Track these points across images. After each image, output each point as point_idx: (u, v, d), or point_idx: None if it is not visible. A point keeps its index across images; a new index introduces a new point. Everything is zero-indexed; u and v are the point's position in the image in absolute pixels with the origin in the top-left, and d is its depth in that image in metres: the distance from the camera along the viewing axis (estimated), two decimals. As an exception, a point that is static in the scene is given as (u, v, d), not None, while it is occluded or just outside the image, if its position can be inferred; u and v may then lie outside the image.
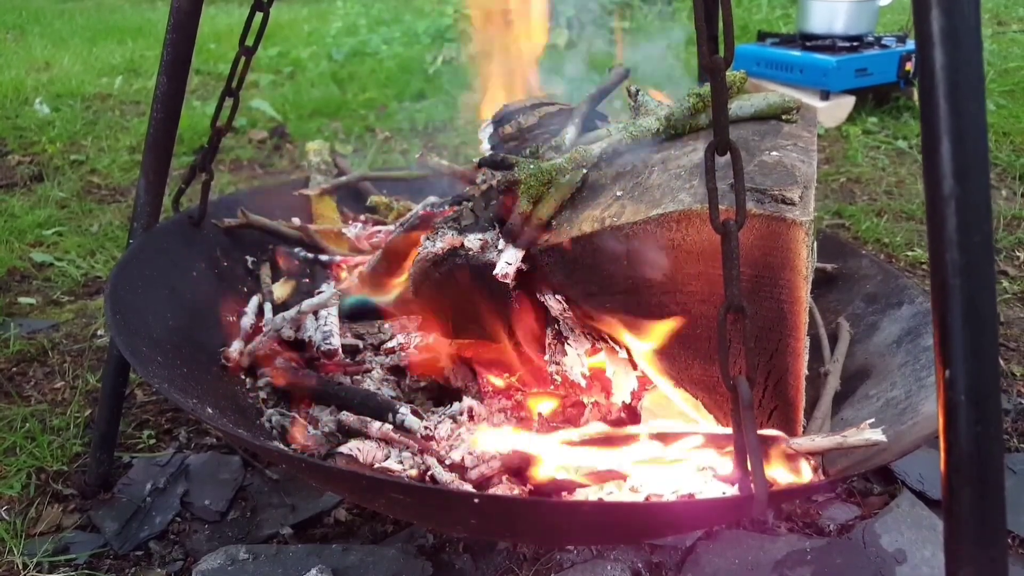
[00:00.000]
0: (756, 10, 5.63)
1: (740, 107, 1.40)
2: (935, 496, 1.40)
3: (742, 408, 0.84)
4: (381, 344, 1.51)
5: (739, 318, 0.86)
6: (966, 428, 0.74)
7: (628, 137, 1.35)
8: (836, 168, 3.12)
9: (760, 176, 1.14)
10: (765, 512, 1.36)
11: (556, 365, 1.27)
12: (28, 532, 1.37)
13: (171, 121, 1.41)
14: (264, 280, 1.69)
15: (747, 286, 1.08)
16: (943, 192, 0.72)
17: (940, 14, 0.71)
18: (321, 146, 2.17)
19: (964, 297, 0.73)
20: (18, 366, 1.85)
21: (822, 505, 1.41)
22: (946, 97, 0.71)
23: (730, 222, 0.85)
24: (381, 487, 1.04)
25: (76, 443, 1.57)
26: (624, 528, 1.09)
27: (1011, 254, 2.39)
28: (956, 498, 0.76)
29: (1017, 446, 1.58)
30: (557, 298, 1.25)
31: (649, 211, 1.13)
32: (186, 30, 1.36)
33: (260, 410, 1.37)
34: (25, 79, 4.24)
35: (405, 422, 1.24)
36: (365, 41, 5.33)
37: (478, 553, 1.30)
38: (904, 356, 1.36)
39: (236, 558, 1.25)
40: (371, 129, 3.80)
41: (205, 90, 4.42)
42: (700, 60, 0.85)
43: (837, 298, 1.63)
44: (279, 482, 1.47)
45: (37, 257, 2.38)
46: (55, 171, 3.08)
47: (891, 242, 2.47)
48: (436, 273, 1.30)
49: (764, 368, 1.15)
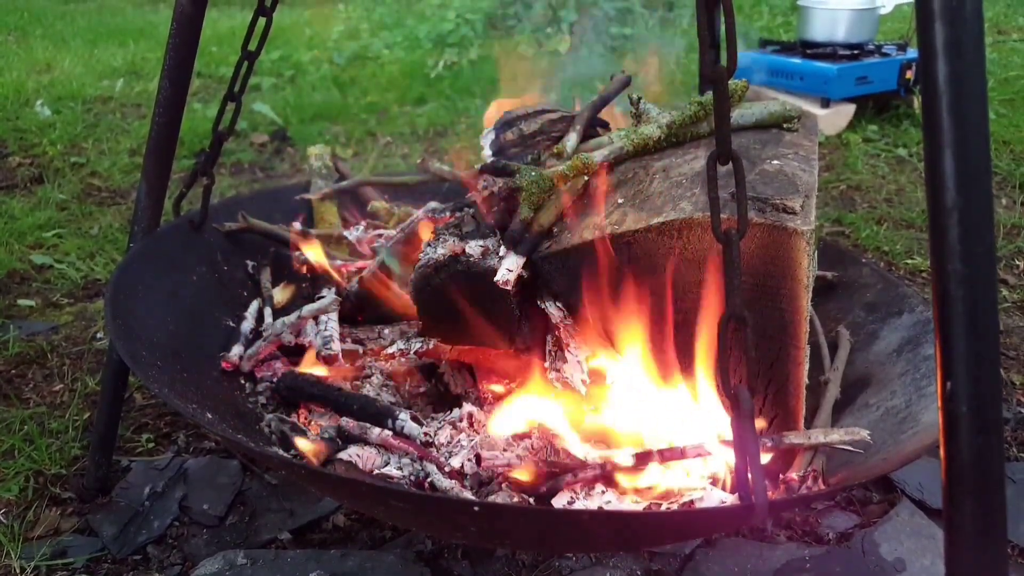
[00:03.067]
0: (757, 17, 5.65)
1: (741, 115, 1.40)
2: (935, 505, 1.40)
3: (742, 417, 0.84)
4: (381, 349, 1.51)
5: (740, 327, 0.86)
6: (967, 440, 0.74)
7: (630, 144, 1.35)
8: (836, 176, 3.12)
9: (761, 185, 1.14)
10: (765, 521, 1.36)
11: (556, 372, 1.27)
12: (26, 535, 1.36)
13: (173, 125, 1.41)
14: (264, 284, 1.69)
15: (748, 295, 1.08)
16: (945, 203, 0.72)
17: (943, 25, 0.71)
18: (322, 150, 2.17)
19: (966, 308, 0.73)
20: (17, 368, 1.85)
21: (821, 513, 1.41)
22: (949, 108, 0.71)
23: (732, 231, 0.85)
24: (381, 494, 1.04)
25: (75, 446, 1.57)
26: (623, 536, 1.09)
27: (1010, 263, 2.39)
28: (957, 509, 0.76)
29: (1017, 455, 1.58)
30: (558, 305, 1.25)
31: (651, 219, 1.13)
32: (189, 34, 1.36)
33: (259, 415, 1.37)
34: (26, 81, 4.24)
35: (405, 428, 1.24)
36: (367, 45, 5.34)
37: (477, 560, 1.29)
38: (904, 365, 1.36)
39: (234, 563, 1.25)
40: (372, 133, 3.81)
41: (207, 93, 4.43)
42: (702, 69, 0.86)
43: (837, 306, 1.63)
44: (278, 487, 1.47)
45: (37, 259, 2.38)
46: (55, 173, 3.08)
47: (891, 250, 2.47)
48: (437, 279, 1.30)
49: (764, 377, 1.15)
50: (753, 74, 3.71)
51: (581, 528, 0.99)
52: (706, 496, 1.09)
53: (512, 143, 1.50)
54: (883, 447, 1.14)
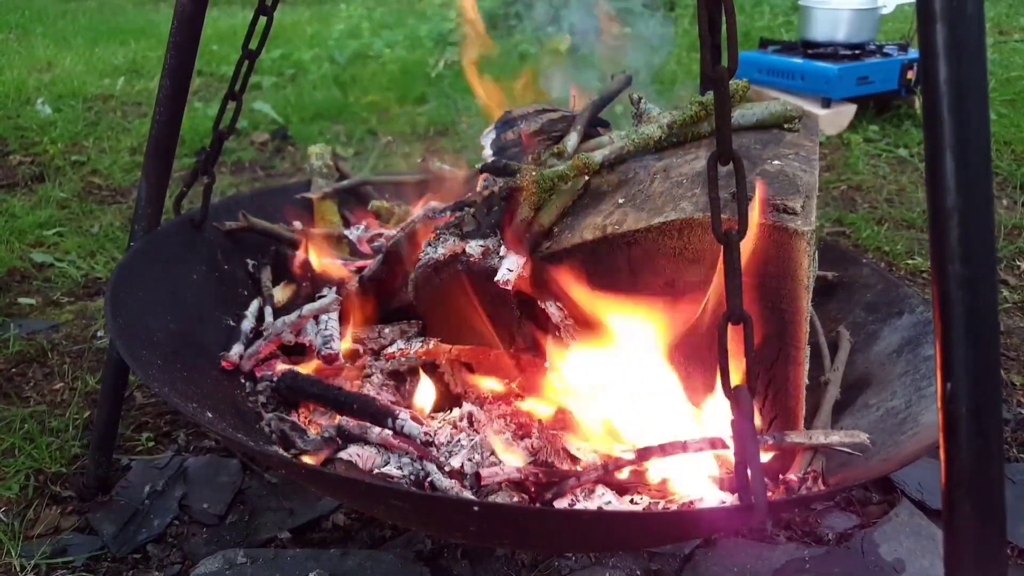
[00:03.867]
0: (758, 17, 5.64)
1: (742, 116, 1.40)
2: (934, 505, 1.40)
3: (742, 417, 0.84)
4: (381, 349, 1.51)
5: (740, 328, 0.86)
6: (967, 442, 0.74)
7: (630, 144, 1.35)
8: (837, 176, 3.12)
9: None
10: (764, 522, 1.36)
11: (556, 371, 1.27)
12: (26, 534, 1.36)
13: (173, 124, 1.41)
14: (265, 283, 1.69)
15: (748, 295, 1.08)
16: (946, 205, 0.72)
17: (944, 26, 0.71)
18: (323, 149, 2.17)
19: (966, 310, 0.72)
20: (17, 367, 1.85)
21: (821, 514, 1.41)
22: (950, 110, 0.71)
23: (732, 231, 0.84)
24: (380, 494, 1.04)
25: (75, 445, 1.57)
26: (623, 537, 1.09)
27: (1011, 263, 2.39)
28: (956, 511, 0.76)
29: (1017, 456, 1.58)
30: (558, 305, 1.25)
31: (651, 219, 1.13)
32: (189, 33, 1.36)
33: (259, 414, 1.37)
34: (27, 79, 4.24)
35: (405, 428, 1.24)
36: (368, 44, 5.33)
37: (476, 559, 1.29)
38: (904, 366, 1.36)
39: (234, 562, 1.25)
40: (373, 132, 3.81)
41: (207, 91, 4.43)
42: (703, 70, 0.85)
43: (837, 306, 1.62)
44: (277, 486, 1.47)
45: (37, 257, 2.38)
46: (56, 171, 3.08)
47: (892, 250, 2.47)
48: (437, 279, 1.30)
49: (764, 377, 1.15)
50: (754, 73, 3.71)
51: (581, 528, 0.99)
52: (705, 496, 1.09)
53: (513, 142, 1.50)
54: (883, 448, 1.14)
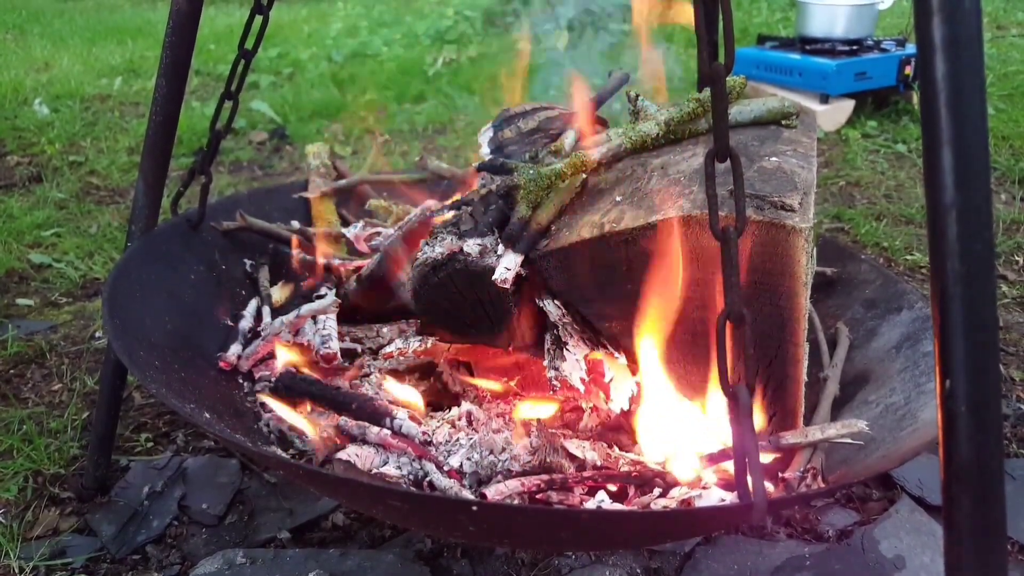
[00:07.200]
0: (756, 13, 5.64)
1: (740, 112, 1.40)
2: (934, 502, 1.40)
3: (741, 416, 0.84)
4: (379, 348, 1.50)
5: (738, 325, 0.85)
6: (966, 438, 0.73)
7: (628, 142, 1.35)
8: (835, 172, 3.12)
9: (760, 182, 1.14)
10: (764, 519, 1.36)
11: (555, 370, 1.27)
12: (24, 535, 1.36)
13: (170, 123, 1.41)
14: (262, 283, 1.69)
15: (747, 293, 1.08)
16: (944, 201, 0.71)
17: (941, 22, 0.71)
18: (321, 148, 2.17)
19: (965, 306, 0.72)
20: (16, 368, 1.85)
21: (821, 511, 1.41)
22: (947, 106, 0.70)
23: (730, 228, 0.84)
24: (379, 494, 1.04)
25: (73, 446, 1.57)
26: (623, 535, 1.09)
27: (1010, 258, 2.39)
28: (956, 507, 0.76)
29: (1016, 451, 1.58)
30: (556, 303, 1.24)
31: (649, 217, 1.12)
32: (185, 32, 1.35)
33: (258, 414, 1.37)
34: (24, 79, 4.23)
35: (403, 427, 1.24)
36: (365, 43, 5.33)
37: (476, 558, 1.29)
38: (903, 362, 1.36)
39: (233, 562, 1.25)
40: (371, 131, 3.80)
41: (204, 91, 4.42)
42: (700, 67, 0.85)
43: (836, 303, 1.62)
44: (277, 486, 1.47)
45: (35, 258, 2.38)
46: (54, 172, 3.08)
47: (890, 246, 2.47)
48: (435, 278, 1.29)
49: (763, 375, 1.15)
50: (751, 70, 3.71)
51: (580, 527, 0.99)
52: (705, 495, 1.09)
53: (510, 140, 1.50)
54: (882, 444, 1.14)
